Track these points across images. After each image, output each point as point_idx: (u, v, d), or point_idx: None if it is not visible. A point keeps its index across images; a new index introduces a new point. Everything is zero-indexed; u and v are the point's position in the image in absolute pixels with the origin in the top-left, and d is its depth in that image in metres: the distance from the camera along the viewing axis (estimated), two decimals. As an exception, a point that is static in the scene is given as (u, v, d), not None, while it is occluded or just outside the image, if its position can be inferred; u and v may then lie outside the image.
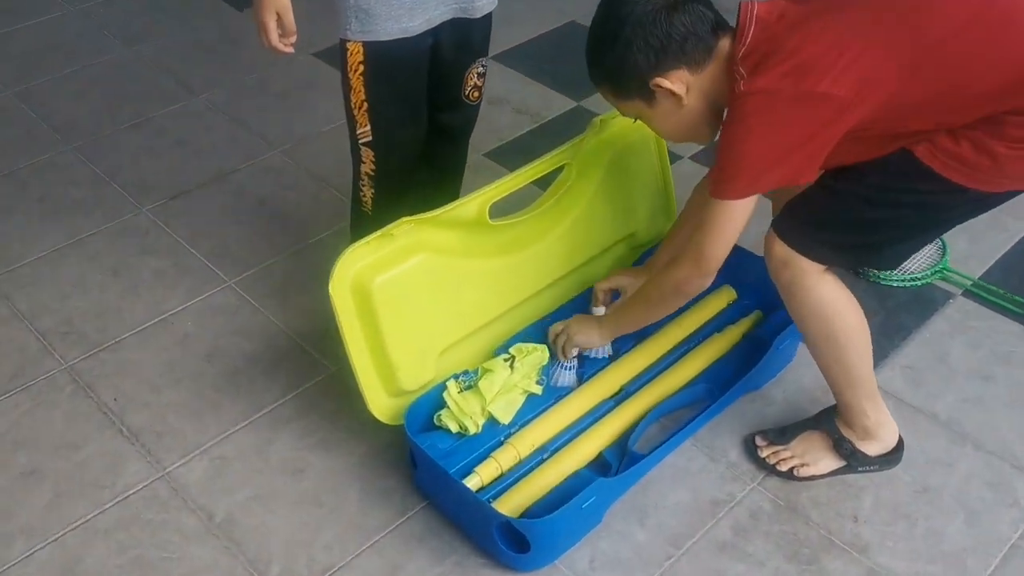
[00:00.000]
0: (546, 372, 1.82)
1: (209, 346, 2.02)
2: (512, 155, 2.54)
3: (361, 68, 1.69)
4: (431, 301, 1.70)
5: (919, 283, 2.13)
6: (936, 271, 2.15)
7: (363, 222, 1.88)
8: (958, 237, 2.23)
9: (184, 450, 1.81)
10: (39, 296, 2.13)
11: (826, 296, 1.58)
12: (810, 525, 1.68)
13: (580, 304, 1.93)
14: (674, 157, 2.07)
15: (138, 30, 3.12)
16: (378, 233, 1.63)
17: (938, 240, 2.23)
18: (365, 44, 1.66)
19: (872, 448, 1.72)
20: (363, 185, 1.86)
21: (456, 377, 1.75)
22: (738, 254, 2.03)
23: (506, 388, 1.75)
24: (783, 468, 1.74)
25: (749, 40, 1.44)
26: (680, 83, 1.50)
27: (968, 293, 2.12)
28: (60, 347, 2.01)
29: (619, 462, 1.71)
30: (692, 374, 1.86)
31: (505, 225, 1.79)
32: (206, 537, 1.66)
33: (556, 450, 1.72)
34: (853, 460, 1.72)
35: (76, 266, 2.21)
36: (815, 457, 1.74)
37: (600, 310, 1.90)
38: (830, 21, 1.42)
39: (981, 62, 1.40)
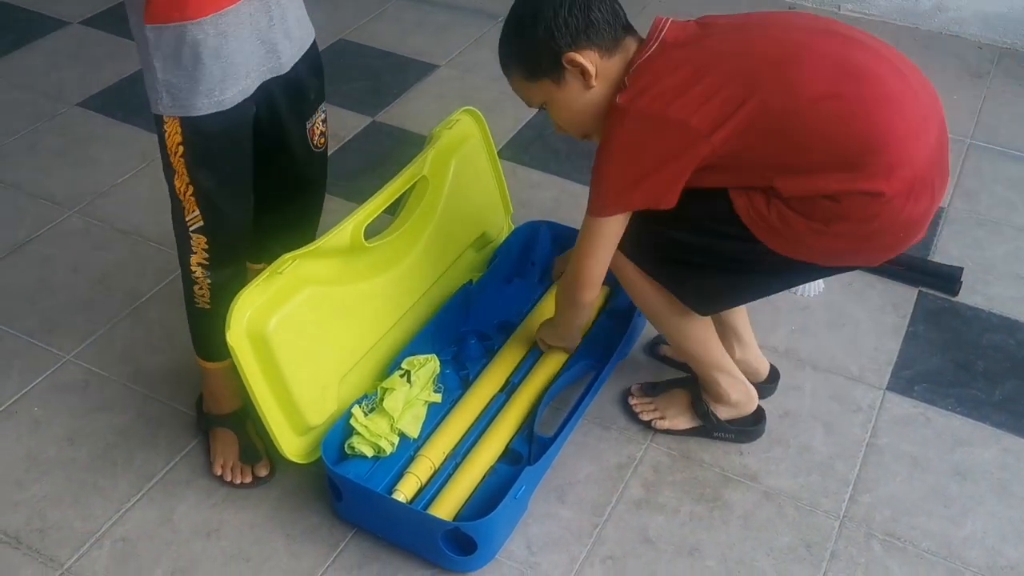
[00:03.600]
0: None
1: (68, 428, 1.88)
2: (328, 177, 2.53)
3: (181, 150, 1.56)
4: (324, 333, 1.71)
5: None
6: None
7: (204, 320, 1.73)
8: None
9: (78, 541, 1.69)
10: None
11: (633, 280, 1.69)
12: (704, 467, 1.85)
13: (449, 313, 1.98)
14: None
15: None
16: (264, 274, 1.61)
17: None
18: (181, 121, 1.53)
19: (724, 412, 1.85)
20: (197, 278, 1.68)
21: (358, 403, 1.76)
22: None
23: (409, 403, 1.78)
24: (644, 418, 1.89)
25: (647, 56, 1.48)
26: (591, 63, 1.50)
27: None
28: None
29: (528, 450, 1.79)
30: (566, 355, 1.98)
31: (379, 245, 1.82)
32: (135, 623, 1.58)
33: (466, 452, 1.78)
34: (707, 422, 1.85)
35: None
36: (674, 413, 1.88)
37: None
38: (717, 59, 1.46)
39: (835, 127, 1.43)
